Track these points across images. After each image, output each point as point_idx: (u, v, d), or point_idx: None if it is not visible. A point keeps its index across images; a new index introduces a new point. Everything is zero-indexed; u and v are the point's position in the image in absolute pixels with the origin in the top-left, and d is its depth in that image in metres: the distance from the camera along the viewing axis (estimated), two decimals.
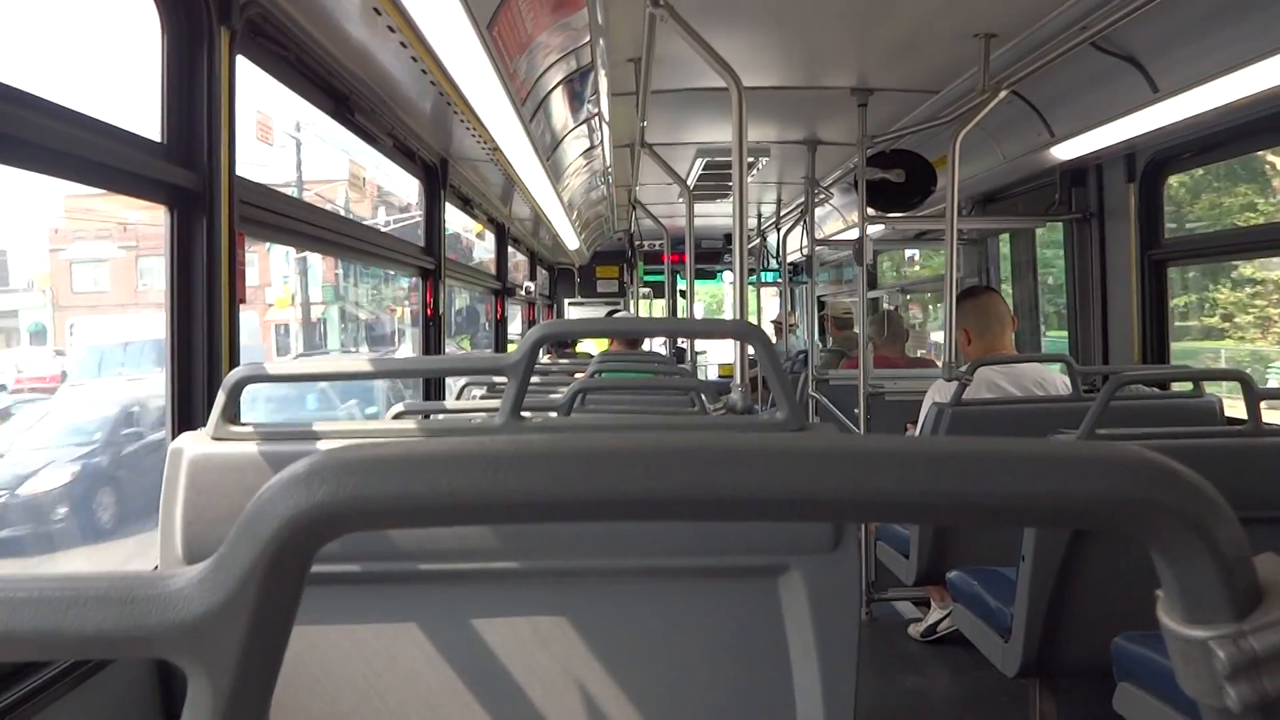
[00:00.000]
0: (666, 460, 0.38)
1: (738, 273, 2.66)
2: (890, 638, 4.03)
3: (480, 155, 3.91)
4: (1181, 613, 0.39)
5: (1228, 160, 3.88)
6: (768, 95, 3.98)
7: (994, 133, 4.10)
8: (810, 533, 1.39)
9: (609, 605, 1.44)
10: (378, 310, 16.53)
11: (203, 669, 0.39)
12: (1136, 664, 2.15)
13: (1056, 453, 0.38)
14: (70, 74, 10.04)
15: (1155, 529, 0.38)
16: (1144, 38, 2.98)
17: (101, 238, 12.34)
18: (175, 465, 1.41)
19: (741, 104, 2.37)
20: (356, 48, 2.54)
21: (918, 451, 0.38)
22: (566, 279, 10.61)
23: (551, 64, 3.14)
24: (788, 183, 6.55)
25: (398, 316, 16.18)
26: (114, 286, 13.21)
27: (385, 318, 16.36)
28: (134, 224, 12.10)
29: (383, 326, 16.42)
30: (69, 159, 1.49)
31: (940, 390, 3.38)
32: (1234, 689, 0.37)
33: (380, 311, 16.53)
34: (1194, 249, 3.94)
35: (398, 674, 1.43)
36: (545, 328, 1.51)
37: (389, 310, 16.41)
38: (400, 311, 15.54)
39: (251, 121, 9.46)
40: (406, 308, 16.47)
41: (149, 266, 12.90)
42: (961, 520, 0.39)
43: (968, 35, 3.11)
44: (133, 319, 12.58)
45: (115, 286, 13.21)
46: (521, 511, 0.38)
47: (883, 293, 7.31)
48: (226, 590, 0.38)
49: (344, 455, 0.38)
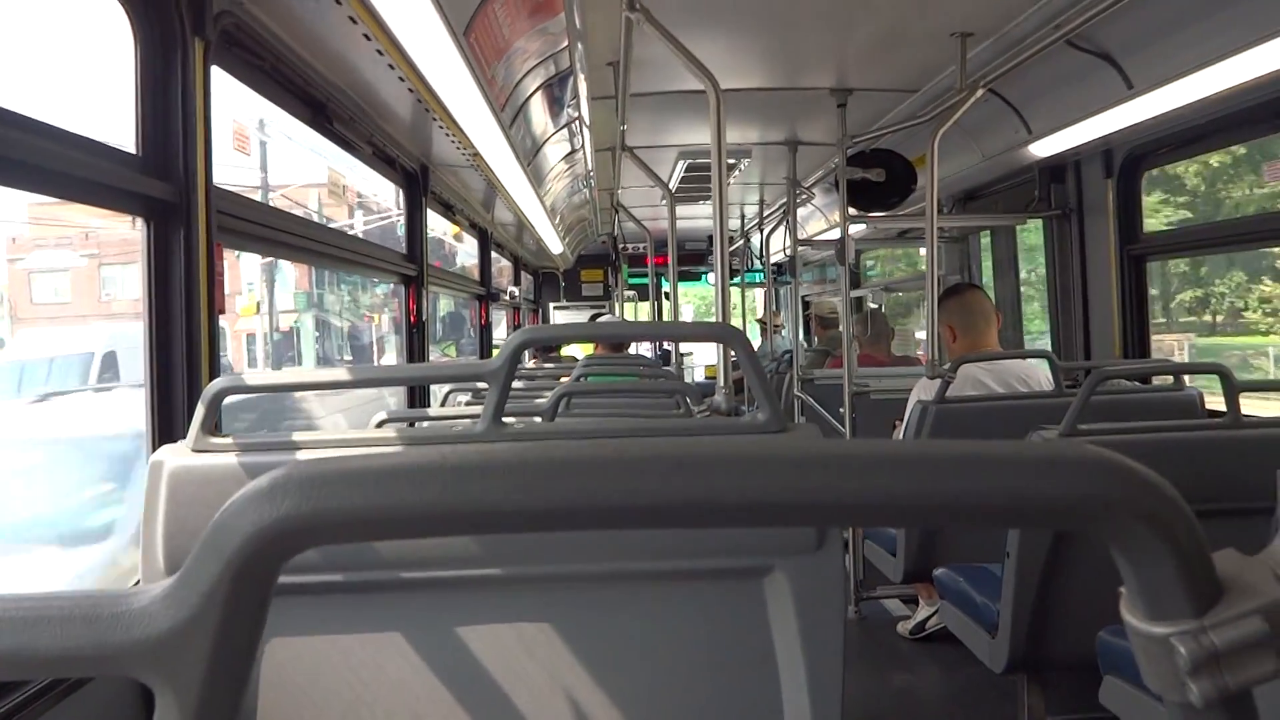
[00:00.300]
0: (635, 468, 0.38)
1: (719, 274, 2.66)
2: (879, 635, 4.03)
3: (460, 161, 3.90)
4: (1143, 610, 0.39)
5: (1205, 155, 3.91)
6: (748, 97, 3.99)
7: (972, 131, 4.12)
8: (794, 533, 1.39)
9: (594, 610, 1.44)
10: (354, 318, 16.21)
11: (168, 686, 0.38)
12: (1121, 658, 2.16)
13: (1016, 453, 0.38)
14: (42, 86, 9.89)
15: (1114, 527, 0.38)
16: (1118, 35, 3.00)
17: (63, 246, 12.05)
18: (155, 478, 1.41)
19: (719, 106, 2.37)
20: (333, 56, 2.53)
21: (880, 455, 0.38)
22: (551, 283, 10.60)
23: (530, 69, 3.14)
24: (770, 183, 6.57)
25: (375, 324, 15.85)
26: (76, 297, 12.84)
27: (362, 325, 16.04)
28: (96, 230, 11.80)
29: (360, 336, 16.07)
30: (43, 173, 1.48)
31: (925, 388, 3.39)
32: (1196, 684, 0.38)
33: (357, 320, 16.22)
34: (1172, 244, 3.97)
35: (384, 683, 1.42)
36: (527, 333, 1.51)
37: (366, 318, 16.08)
38: (378, 319, 15.24)
39: (228, 131, 9.31)
40: (385, 314, 16.11)
41: (112, 275, 12.56)
42: (925, 523, 0.40)
43: (945, 34, 3.12)
44: (95, 331, 12.11)
45: (77, 297, 12.85)
46: (488, 522, 0.38)
47: (866, 291, 7.33)
48: (191, 607, 0.38)
49: (307, 469, 0.38)
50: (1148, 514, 0.38)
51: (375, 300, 14.96)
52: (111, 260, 12.13)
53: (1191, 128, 3.36)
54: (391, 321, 18.75)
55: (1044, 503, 0.38)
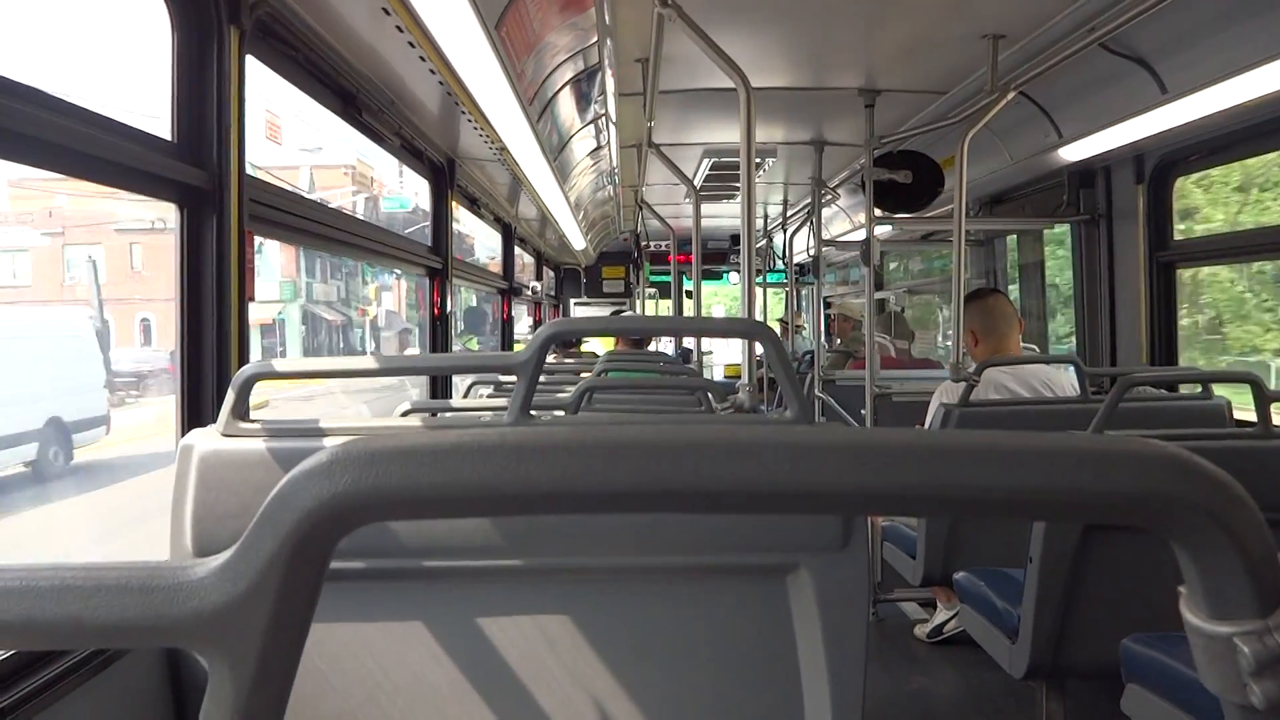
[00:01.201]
0: (689, 453, 0.38)
1: (745, 272, 2.66)
2: (896, 639, 4.02)
3: (487, 155, 3.91)
4: (1205, 609, 0.39)
5: (1238, 162, 3.86)
6: (775, 96, 3.98)
7: (1002, 134, 4.09)
8: (819, 531, 1.39)
9: (616, 603, 1.44)
10: (346, 311, 15.66)
11: (224, 659, 0.39)
12: (1145, 666, 2.14)
13: (1079, 446, 0.38)
14: (82, 72, 9.82)
15: (1178, 524, 0.38)
16: (1153, 38, 2.97)
17: (24, 224, 11.66)
18: (185, 462, 1.42)
19: (749, 104, 2.36)
20: (365, 47, 2.54)
21: (937, 445, 0.38)
22: (573, 279, 10.61)
23: (559, 64, 3.14)
24: (794, 183, 6.55)
25: (370, 319, 15.28)
26: (37, 279, 12.42)
27: (356, 318, 15.42)
28: (58, 209, 11.44)
29: (351, 332, 15.41)
30: (80, 157, 1.50)
31: (948, 391, 3.38)
32: (1259, 685, 0.37)
33: (350, 312, 15.66)
34: (1203, 251, 3.93)
35: (405, 672, 1.43)
36: (555, 326, 1.51)
37: (359, 311, 15.52)
38: (372, 313, 14.73)
39: (261, 120, 9.22)
40: (376, 307, 15.38)
41: (76, 258, 12.21)
42: (980, 514, 0.39)
43: (976, 36, 3.10)
44: (56, 314, 11.59)
45: (38, 279, 12.43)
46: (543, 503, 0.38)
47: (890, 294, 7.30)
48: (248, 580, 0.38)
49: (366, 446, 0.38)
50: (1216, 511, 0.37)
51: (365, 290, 14.50)
52: (77, 241, 11.56)
53: (1226, 134, 3.32)
54: (387, 315, 18.35)
55: (1109, 497, 0.37)
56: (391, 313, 19.70)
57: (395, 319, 19.98)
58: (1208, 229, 4.14)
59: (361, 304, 15.07)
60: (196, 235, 1.81)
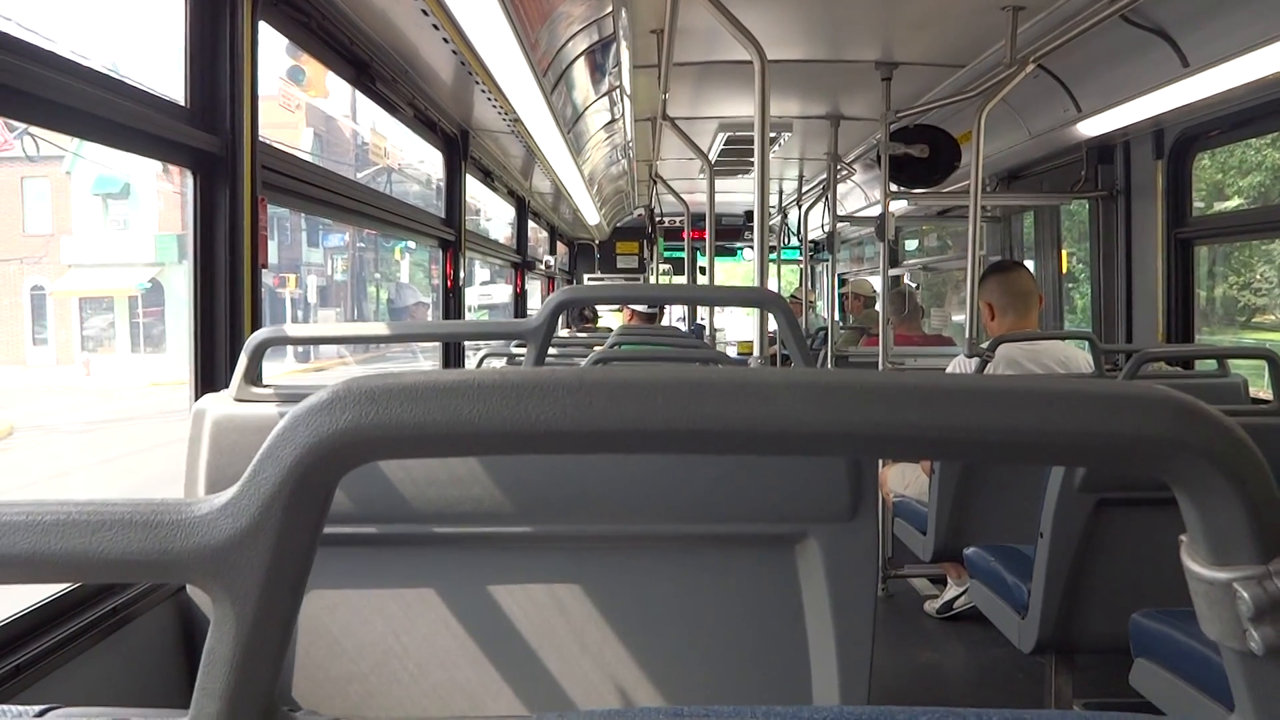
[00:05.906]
0: (689, 390, 0.38)
1: (759, 247, 2.64)
2: (905, 614, 4.03)
3: (501, 127, 3.90)
4: (1206, 554, 0.39)
5: (1259, 138, 3.82)
6: (791, 69, 3.94)
7: (1019, 108, 4.05)
8: (827, 501, 1.39)
9: (626, 571, 1.44)
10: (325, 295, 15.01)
11: (227, 594, 0.39)
12: (1154, 640, 2.14)
13: (1084, 390, 0.37)
14: (96, 35, 9.73)
15: (1181, 468, 0.38)
16: (1174, 10, 2.93)
17: None
18: (198, 425, 1.43)
19: (764, 76, 2.34)
20: (378, 15, 2.53)
21: (944, 387, 0.38)
22: (586, 254, 10.58)
23: (573, 34, 3.12)
24: (809, 159, 6.50)
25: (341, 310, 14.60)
26: None
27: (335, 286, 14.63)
28: None
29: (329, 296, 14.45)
30: (95, 120, 1.50)
31: (960, 366, 3.36)
32: (1258, 631, 0.37)
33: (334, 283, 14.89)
34: (1222, 228, 3.89)
35: (416, 637, 1.44)
36: (566, 293, 1.51)
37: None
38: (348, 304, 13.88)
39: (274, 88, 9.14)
40: (360, 299, 14.41)
41: None
42: (987, 457, 0.39)
43: (994, 8, 3.06)
44: None
45: None
46: (544, 441, 0.38)
47: (904, 270, 7.26)
48: (250, 516, 0.39)
49: (367, 382, 0.38)
50: (1219, 456, 0.37)
51: (356, 267, 13.77)
52: None
53: (1248, 108, 3.27)
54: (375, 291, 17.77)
55: (1111, 440, 0.37)
56: (375, 309, 20.06)
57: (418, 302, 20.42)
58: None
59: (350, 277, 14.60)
60: (210, 201, 1.82)
